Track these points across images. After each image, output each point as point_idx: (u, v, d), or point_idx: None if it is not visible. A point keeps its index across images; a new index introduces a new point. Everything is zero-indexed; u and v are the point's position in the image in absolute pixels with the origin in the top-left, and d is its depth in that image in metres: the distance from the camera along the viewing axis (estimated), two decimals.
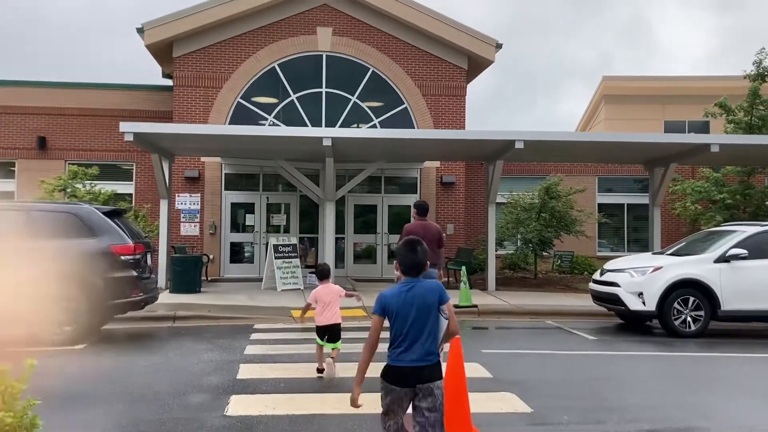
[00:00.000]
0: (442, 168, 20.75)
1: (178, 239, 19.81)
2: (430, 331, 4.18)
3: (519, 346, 10.41)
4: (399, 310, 4.16)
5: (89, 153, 21.13)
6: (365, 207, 20.99)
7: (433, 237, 9.42)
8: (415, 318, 4.15)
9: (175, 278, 15.87)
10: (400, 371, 4.13)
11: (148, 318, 12.65)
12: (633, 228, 23.46)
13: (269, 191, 20.68)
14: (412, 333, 4.14)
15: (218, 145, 16.10)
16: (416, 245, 4.32)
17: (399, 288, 4.25)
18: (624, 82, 31.40)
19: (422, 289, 4.20)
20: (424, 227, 9.51)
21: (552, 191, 18.69)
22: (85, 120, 21.10)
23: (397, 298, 4.19)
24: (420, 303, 4.17)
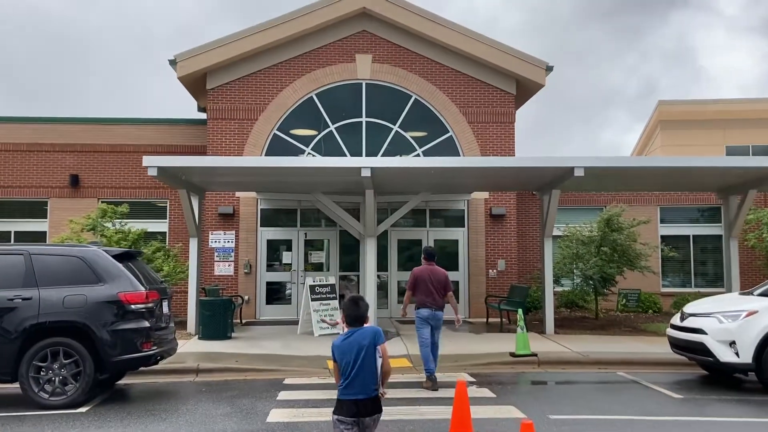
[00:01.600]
0: (492, 199, 19.09)
1: (211, 279, 18.52)
2: (367, 370, 4.87)
3: (593, 409, 8.60)
4: (342, 354, 4.93)
5: (122, 191, 20.10)
6: (410, 242, 19.41)
7: (440, 282, 9.88)
8: (353, 360, 4.86)
9: (204, 323, 14.48)
10: (347, 404, 4.87)
11: (169, 371, 11.23)
12: (700, 262, 21.33)
13: (307, 227, 19.30)
14: (353, 372, 4.85)
15: (249, 179, 14.80)
16: (360, 301, 5.13)
17: (341, 337, 5.03)
18: (681, 106, 29.44)
19: (359, 336, 4.94)
20: (431, 271, 9.95)
21: (613, 223, 16.83)
22: (119, 156, 20.11)
23: (340, 345, 4.97)
24: (357, 347, 4.88)
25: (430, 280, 9.94)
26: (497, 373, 11.27)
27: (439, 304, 9.93)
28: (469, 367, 11.65)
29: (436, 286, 9.88)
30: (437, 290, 9.91)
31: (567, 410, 8.49)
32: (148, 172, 13.13)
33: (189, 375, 11.22)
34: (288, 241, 19.14)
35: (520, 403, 8.82)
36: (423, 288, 9.98)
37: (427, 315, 10.00)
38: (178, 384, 10.60)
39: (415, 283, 10.06)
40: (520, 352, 12.13)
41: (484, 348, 13.20)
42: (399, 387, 9.96)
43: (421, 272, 9.99)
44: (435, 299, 9.93)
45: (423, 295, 9.98)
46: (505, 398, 9.15)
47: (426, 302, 9.98)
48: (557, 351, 12.81)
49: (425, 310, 10.00)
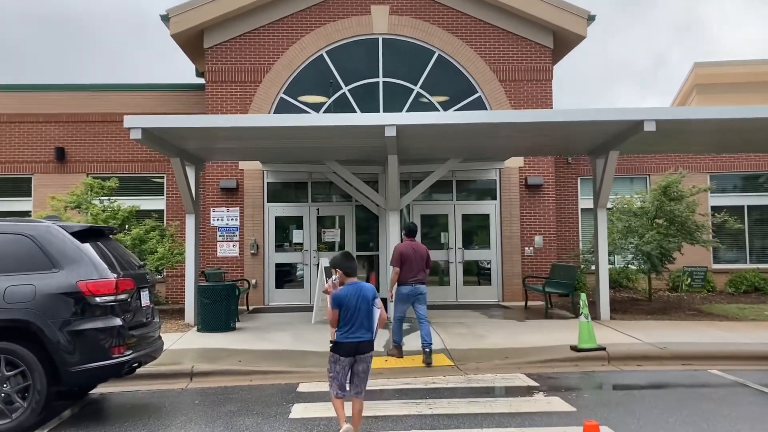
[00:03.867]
0: (527, 167, 16.67)
1: (214, 262, 16.24)
2: (367, 317, 5.72)
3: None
4: (346, 303, 5.70)
5: (114, 164, 17.79)
6: (434, 217, 17.05)
7: (422, 257, 9.76)
8: (355, 307, 5.69)
9: (203, 313, 12.22)
10: (347, 346, 5.68)
11: (156, 375, 8.98)
12: (756, 235, 18.88)
13: (320, 202, 16.96)
14: (356, 318, 5.67)
15: (253, 144, 12.44)
16: (350, 255, 6.05)
17: (349, 288, 5.76)
18: (719, 68, 26.76)
19: (361, 289, 5.76)
20: (414, 248, 9.77)
21: (672, 191, 14.39)
22: (110, 127, 17.75)
23: (350, 295, 5.71)
24: (360, 298, 5.71)
25: (413, 256, 9.69)
26: (562, 374, 8.95)
27: (421, 279, 9.74)
28: (524, 366, 9.33)
29: (418, 262, 9.71)
30: (419, 266, 9.73)
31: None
32: (131, 135, 10.81)
33: (181, 380, 8.95)
34: (298, 218, 16.83)
35: (614, 421, 6.51)
36: (407, 264, 9.68)
37: (409, 292, 9.70)
38: (166, 393, 8.33)
39: (402, 260, 9.68)
40: (584, 346, 9.80)
41: (536, 340, 10.88)
42: (445, 395, 7.65)
43: (405, 248, 9.76)
44: (417, 275, 9.72)
45: (407, 271, 9.68)
46: (589, 412, 6.84)
47: (408, 279, 9.69)
48: (625, 342, 10.47)
49: (407, 287, 9.71)
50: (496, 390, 8.12)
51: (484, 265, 16.88)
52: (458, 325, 12.52)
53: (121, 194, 16.63)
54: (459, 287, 16.59)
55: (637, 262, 14.60)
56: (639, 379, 8.57)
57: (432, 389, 8.11)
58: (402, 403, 7.38)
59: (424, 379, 8.70)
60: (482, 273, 16.90)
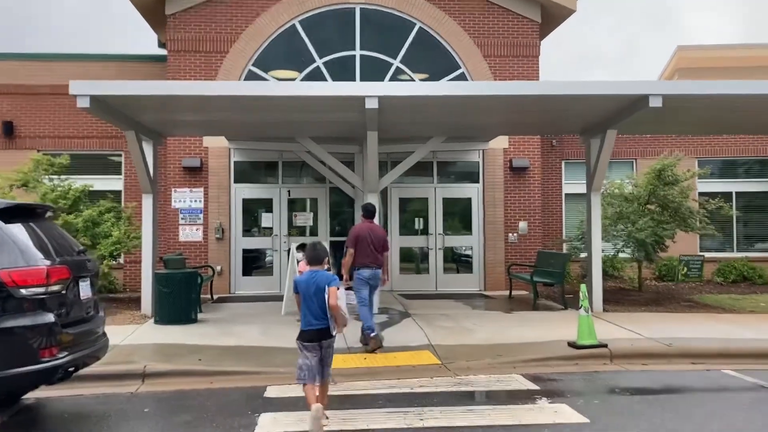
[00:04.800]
0: (512, 149, 15.68)
1: (176, 247, 15.01)
2: (322, 305, 5.77)
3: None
4: (304, 290, 5.86)
5: (67, 141, 16.37)
6: (413, 201, 16.00)
7: (380, 240, 9.35)
8: (311, 295, 5.81)
9: (161, 303, 11.03)
10: (308, 332, 5.83)
11: (104, 376, 7.80)
12: (744, 222, 18.19)
13: (291, 184, 15.80)
14: (312, 306, 5.81)
15: (218, 116, 11.21)
16: (317, 245, 6.21)
17: (307, 275, 5.95)
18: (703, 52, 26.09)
19: (318, 277, 5.87)
20: (371, 229, 9.38)
21: (667, 175, 13.52)
22: (63, 100, 16.22)
23: (305, 282, 5.89)
24: (315, 287, 5.81)
25: (370, 239, 9.24)
26: (563, 375, 7.99)
27: (379, 263, 9.31)
28: (519, 365, 8.35)
29: (376, 244, 9.25)
30: (377, 248, 9.27)
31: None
32: (78, 103, 9.54)
33: (131, 382, 7.78)
34: (268, 201, 15.65)
35: None
36: (364, 247, 9.20)
37: (369, 275, 9.22)
38: (112, 398, 7.16)
39: (357, 242, 9.19)
40: (584, 342, 8.85)
41: (528, 335, 9.92)
42: (436, 402, 6.63)
43: (361, 230, 9.32)
44: (375, 258, 9.28)
45: (363, 254, 9.20)
46: (605, 424, 5.87)
47: (366, 262, 9.22)
48: (626, 338, 9.56)
49: (366, 270, 9.21)
50: (493, 395, 7.11)
51: (465, 252, 15.91)
52: (442, 317, 11.51)
53: (74, 173, 15.34)
54: (439, 275, 15.60)
55: (630, 249, 13.73)
56: (650, 382, 7.64)
57: (420, 394, 7.08)
58: (387, 412, 6.34)
59: (410, 381, 7.67)
60: (463, 260, 15.94)
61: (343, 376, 7.90)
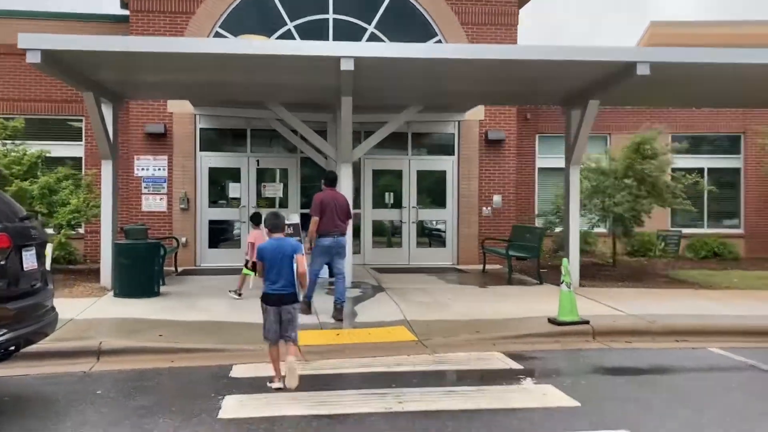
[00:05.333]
0: (488, 121, 15.15)
1: (138, 217, 14.25)
2: (288, 271, 5.92)
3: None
4: (270, 258, 5.95)
5: (24, 104, 15.39)
6: (387, 173, 15.41)
7: (342, 208, 9.14)
8: (279, 262, 5.92)
9: (121, 275, 10.33)
10: (271, 296, 5.95)
11: (54, 354, 7.16)
12: (714, 198, 17.94)
13: (260, 152, 15.07)
14: (278, 272, 5.92)
15: (182, 77, 10.43)
16: (279, 215, 6.35)
17: (272, 242, 6.07)
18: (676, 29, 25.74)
19: (284, 245, 6.03)
20: (334, 198, 9.13)
21: (645, 149, 13.12)
22: (18, 61, 15.20)
23: (271, 249, 5.99)
24: (281, 254, 5.94)
25: (334, 207, 8.97)
26: (545, 353, 7.55)
27: (342, 231, 9.06)
28: (499, 342, 7.89)
29: (339, 212, 9.02)
30: (340, 216, 9.03)
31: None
32: (28, 59, 8.70)
33: (85, 359, 7.14)
34: (235, 171, 14.92)
35: (633, 422, 5.10)
36: (328, 215, 8.92)
37: (330, 243, 8.92)
38: (62, 378, 6.52)
39: (322, 209, 8.88)
40: (565, 318, 8.43)
41: (506, 310, 9.48)
42: (415, 383, 6.13)
43: (325, 197, 9.02)
44: (338, 226, 9.02)
45: (328, 222, 8.92)
46: (596, 407, 5.43)
47: (329, 230, 8.92)
48: (606, 314, 9.17)
49: (328, 239, 8.92)
50: (474, 375, 6.64)
51: (439, 225, 15.41)
52: (417, 291, 11.01)
53: (32, 139, 14.55)
54: (412, 249, 15.10)
55: (606, 224, 13.36)
56: (636, 361, 7.23)
57: (397, 374, 6.57)
58: (363, 394, 5.82)
59: (386, 359, 7.16)
60: (437, 234, 15.45)
61: (314, 353, 7.37)
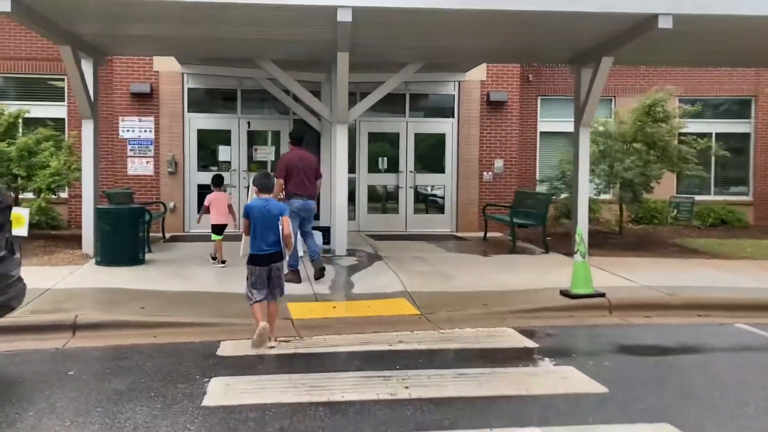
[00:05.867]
0: (489, 82, 14.38)
1: (124, 181, 13.51)
2: (276, 231, 5.96)
3: None
4: (257, 217, 5.97)
5: (4, 63, 14.45)
6: (383, 136, 14.67)
7: (311, 168, 8.82)
8: (265, 222, 5.94)
9: (103, 242, 9.62)
10: (258, 257, 5.97)
11: (25, 328, 6.52)
12: (721, 164, 17.27)
13: (251, 113, 14.27)
14: (263, 232, 5.94)
15: (168, 29, 9.56)
16: (269, 175, 6.53)
17: (259, 202, 6.07)
18: None
19: (273, 206, 6.06)
20: (301, 158, 8.81)
21: (657, 111, 12.41)
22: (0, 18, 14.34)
23: (258, 209, 6.00)
24: (269, 215, 5.97)
25: (301, 167, 8.70)
26: (560, 329, 6.93)
27: (311, 193, 8.81)
28: (509, 317, 7.28)
29: (307, 172, 8.73)
30: (308, 177, 8.74)
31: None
32: None
33: (60, 335, 6.48)
34: (225, 133, 14.14)
35: (675, 413, 4.49)
36: (295, 176, 8.64)
37: (300, 206, 8.61)
38: (32, 357, 5.86)
39: (287, 171, 8.64)
40: (579, 291, 7.82)
41: (514, 281, 8.85)
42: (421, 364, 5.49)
43: (291, 158, 8.78)
44: (306, 187, 8.72)
45: (295, 184, 8.65)
46: (627, 393, 4.82)
47: (297, 191, 8.66)
48: (620, 285, 8.56)
49: (297, 201, 8.61)
50: (485, 354, 6.00)
51: (437, 191, 14.73)
52: (416, 260, 10.37)
53: (11, 99, 13.88)
54: (409, 216, 14.43)
55: (614, 190, 12.71)
56: (662, 338, 6.60)
57: (401, 353, 5.94)
58: (364, 377, 5.19)
59: (388, 336, 6.52)
60: (435, 200, 14.77)
61: (309, 328, 6.73)
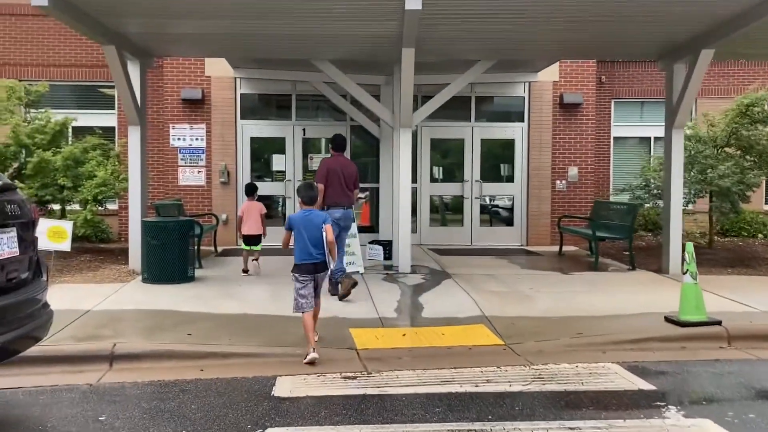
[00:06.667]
0: (563, 83, 13.24)
1: (175, 192, 12.85)
2: (319, 240, 5.88)
3: None
4: (300, 226, 5.94)
5: (53, 70, 14.03)
6: (447, 143, 13.67)
7: (351, 177, 8.33)
8: (310, 233, 5.89)
9: (150, 258, 8.86)
10: (305, 266, 5.89)
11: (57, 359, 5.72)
12: None
13: (306, 120, 13.46)
14: (308, 241, 5.89)
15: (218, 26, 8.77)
16: (313, 186, 6.38)
17: (301, 213, 6.05)
18: None
19: (315, 216, 6.01)
20: (342, 165, 8.32)
21: (756, 112, 11.06)
22: (46, 23, 13.92)
23: (300, 219, 5.97)
24: (314, 225, 5.92)
25: (342, 174, 8.24)
26: (674, 365, 5.76)
27: (351, 202, 8.44)
28: (609, 348, 6.16)
29: (347, 181, 8.29)
30: (348, 186, 8.30)
31: None
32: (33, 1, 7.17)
33: (96, 366, 5.67)
34: (280, 141, 13.36)
35: None
36: (336, 184, 8.18)
37: (340, 216, 8.12)
38: (61, 395, 5.04)
39: (328, 177, 8.14)
40: (690, 318, 6.63)
41: (604, 304, 7.71)
42: (517, 413, 4.44)
43: (332, 164, 8.30)
44: (348, 196, 8.33)
45: (335, 191, 8.18)
46: None
47: (337, 200, 8.20)
48: (735, 311, 7.32)
49: (338, 211, 8.13)
50: (594, 399, 4.90)
51: (505, 201, 13.62)
52: (488, 278, 9.31)
53: (61, 107, 13.30)
54: (475, 228, 13.36)
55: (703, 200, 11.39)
56: None
57: (491, 396, 4.90)
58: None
59: (471, 372, 5.49)
60: (503, 211, 13.66)
61: (376, 360, 5.77)
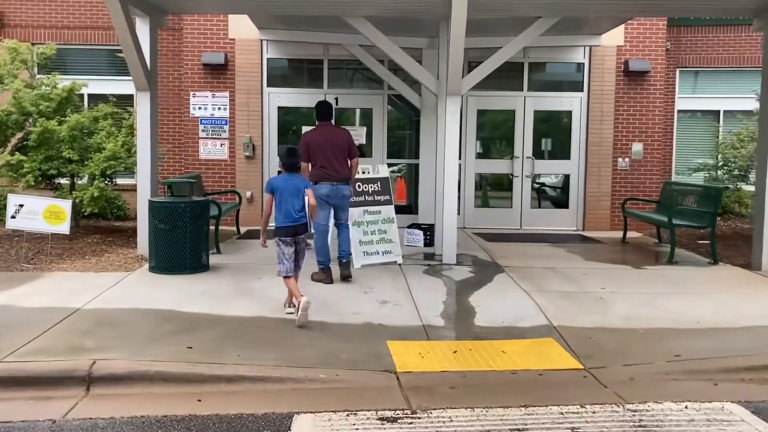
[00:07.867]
0: (628, 47, 11.62)
1: (195, 166, 11.64)
2: (301, 203, 5.89)
3: None
4: (282, 188, 5.92)
5: (69, 33, 12.87)
6: (495, 114, 12.18)
7: (340, 146, 7.32)
8: (290, 196, 5.89)
9: (157, 244, 7.65)
10: (285, 228, 5.91)
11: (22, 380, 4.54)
12: None
13: (339, 88, 12.05)
14: (289, 203, 5.88)
15: None
16: (295, 152, 6.20)
17: (283, 177, 6.04)
18: None
19: (296, 181, 6.01)
20: (329, 134, 7.35)
21: None
22: None
23: (282, 183, 5.96)
24: (295, 188, 5.93)
25: (326, 146, 7.24)
26: None
27: (342, 176, 7.31)
28: (722, 378, 4.76)
29: (336, 152, 7.25)
30: (336, 157, 7.25)
31: None
32: None
33: (69, 391, 4.48)
34: (310, 111, 11.98)
35: None
36: (320, 157, 7.20)
37: (328, 192, 7.24)
38: None
39: (309, 151, 7.21)
40: None
41: (697, 310, 6.28)
42: None
43: (312, 136, 7.35)
44: (336, 169, 7.25)
45: (319, 165, 7.22)
46: None
47: (324, 174, 7.22)
48: None
49: (325, 187, 7.21)
50: None
51: (559, 181, 12.14)
52: (548, 273, 7.90)
53: (74, 73, 12.18)
54: (525, 210, 11.90)
55: None
56: None
57: None
58: None
59: (545, 412, 4.14)
60: (557, 192, 12.19)
61: (421, 391, 4.48)
